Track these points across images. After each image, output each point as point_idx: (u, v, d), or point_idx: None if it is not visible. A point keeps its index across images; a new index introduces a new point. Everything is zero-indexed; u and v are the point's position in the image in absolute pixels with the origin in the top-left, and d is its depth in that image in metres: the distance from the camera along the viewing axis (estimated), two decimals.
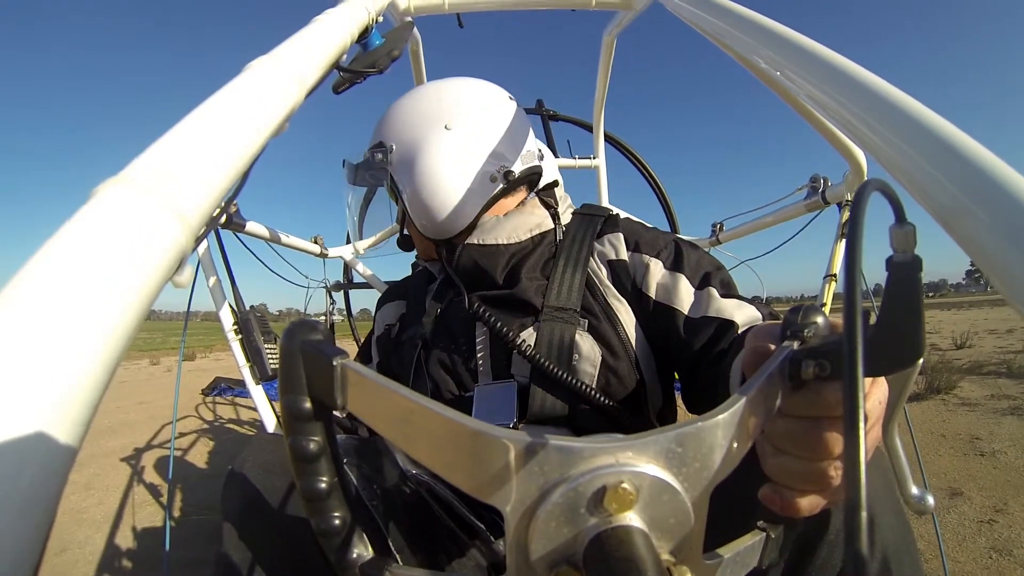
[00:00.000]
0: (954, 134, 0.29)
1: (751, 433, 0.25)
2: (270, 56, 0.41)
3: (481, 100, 0.77)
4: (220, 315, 1.05)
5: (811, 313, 0.28)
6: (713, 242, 1.68)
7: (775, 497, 0.29)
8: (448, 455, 0.22)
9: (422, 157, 0.73)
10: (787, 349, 0.27)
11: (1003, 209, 0.24)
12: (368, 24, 0.63)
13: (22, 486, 0.16)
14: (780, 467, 0.29)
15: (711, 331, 0.62)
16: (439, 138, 0.73)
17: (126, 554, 1.79)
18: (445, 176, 0.73)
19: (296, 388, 0.24)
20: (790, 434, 0.28)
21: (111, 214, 0.23)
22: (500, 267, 0.73)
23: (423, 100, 0.78)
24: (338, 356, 0.23)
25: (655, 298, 0.68)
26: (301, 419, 0.24)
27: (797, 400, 0.27)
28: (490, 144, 0.75)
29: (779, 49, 0.47)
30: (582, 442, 0.22)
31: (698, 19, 0.62)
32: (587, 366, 0.65)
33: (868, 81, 0.37)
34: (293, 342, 0.24)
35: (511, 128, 0.77)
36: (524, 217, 0.77)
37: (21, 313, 0.18)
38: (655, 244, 0.73)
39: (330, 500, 0.25)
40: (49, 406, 0.17)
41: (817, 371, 0.25)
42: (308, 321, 0.25)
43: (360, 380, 0.23)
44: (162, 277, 0.24)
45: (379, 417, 0.23)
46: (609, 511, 0.22)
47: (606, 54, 1.42)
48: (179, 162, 0.28)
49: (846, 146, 0.97)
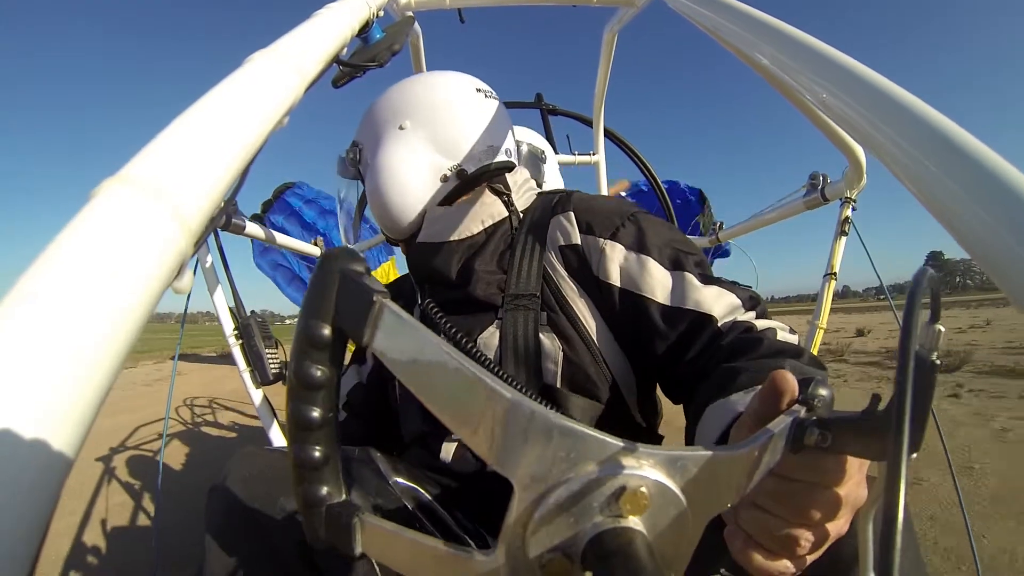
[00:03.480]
0: (954, 131, 0.29)
1: (748, 480, 0.25)
2: (270, 49, 0.41)
3: (441, 97, 0.74)
4: (220, 319, 1.04)
5: (820, 385, 0.30)
6: (713, 240, 1.69)
7: (736, 539, 0.30)
8: (471, 416, 0.22)
9: (377, 156, 0.74)
10: (795, 413, 0.28)
11: (1002, 206, 0.24)
12: (369, 18, 0.62)
13: (19, 492, 0.16)
14: (755, 521, 0.30)
15: (687, 323, 0.58)
16: (393, 138, 0.73)
17: (104, 556, 1.80)
18: (394, 175, 0.72)
19: (321, 314, 0.23)
20: (777, 493, 0.29)
21: (111, 220, 0.23)
22: (452, 265, 0.70)
23: (387, 99, 0.77)
24: (379, 293, 0.23)
25: (620, 286, 0.62)
26: (317, 346, 0.24)
27: (793, 464, 0.28)
28: (445, 142, 0.72)
29: (779, 46, 0.47)
30: (614, 439, 0.22)
31: (699, 15, 0.61)
32: (549, 363, 0.63)
33: (868, 78, 0.37)
34: (332, 267, 0.23)
35: (472, 124, 0.74)
36: (474, 208, 0.73)
37: (24, 320, 0.18)
38: (609, 222, 0.66)
39: (318, 432, 0.25)
40: (48, 414, 0.17)
41: (819, 440, 0.27)
42: (350, 250, 0.24)
43: (396, 321, 0.23)
44: (162, 283, 0.24)
45: (404, 362, 0.23)
46: (621, 511, 0.22)
47: (607, 50, 1.42)
48: (179, 160, 0.27)
49: (845, 143, 0.97)
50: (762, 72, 0.62)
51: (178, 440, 3.27)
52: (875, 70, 0.37)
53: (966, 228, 0.27)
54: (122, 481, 2.51)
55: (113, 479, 2.52)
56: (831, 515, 0.30)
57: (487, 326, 0.66)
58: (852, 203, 1.13)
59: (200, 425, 3.75)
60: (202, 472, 2.60)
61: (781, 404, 0.29)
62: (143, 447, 3.07)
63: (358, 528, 0.25)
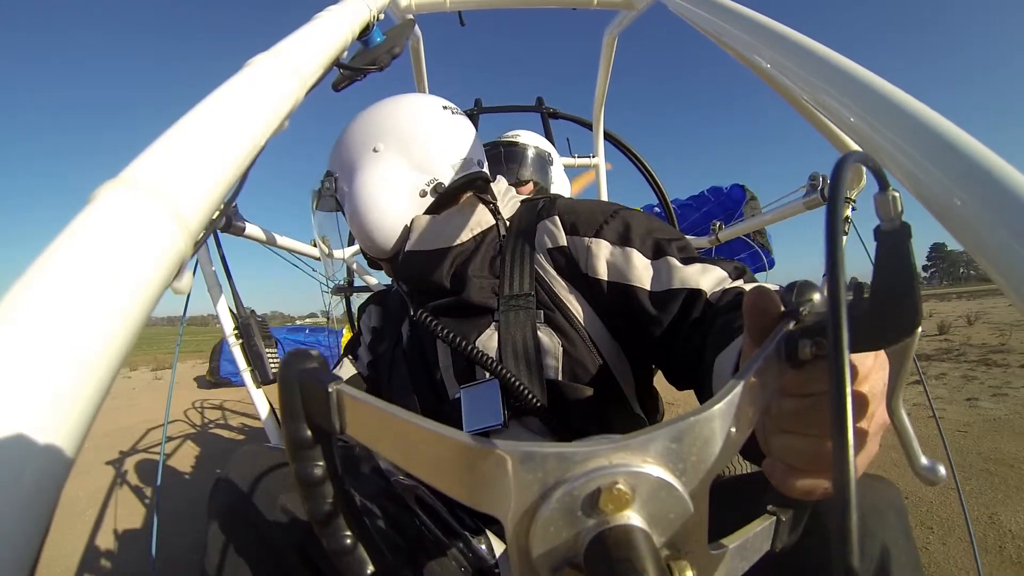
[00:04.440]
0: (951, 131, 0.29)
1: (751, 418, 0.24)
2: (271, 52, 0.41)
3: (408, 117, 0.77)
4: (220, 320, 1.05)
5: (806, 290, 0.27)
6: (713, 241, 1.69)
7: (775, 470, 0.29)
8: (446, 471, 0.22)
9: (353, 182, 0.75)
10: (782, 329, 0.26)
11: (999, 202, 0.24)
12: (369, 21, 0.63)
13: (20, 492, 0.16)
14: (784, 447, 0.28)
15: (679, 303, 0.58)
16: (368, 162, 0.75)
17: (105, 555, 1.80)
18: (373, 197, 0.74)
19: (296, 416, 0.24)
20: (795, 413, 0.28)
21: (111, 221, 0.23)
22: (444, 272, 0.72)
23: (357, 125, 0.78)
24: (332, 382, 0.23)
25: (608, 279, 0.64)
26: (303, 446, 0.24)
27: (798, 379, 0.26)
28: (419, 158, 0.75)
29: (779, 48, 0.47)
30: (575, 446, 0.22)
31: (699, 18, 0.62)
32: (549, 359, 0.64)
33: (867, 79, 0.37)
34: (290, 372, 0.24)
35: (444, 139, 0.77)
36: (462, 218, 0.75)
37: (23, 321, 0.18)
38: (593, 221, 0.68)
39: (338, 520, 0.26)
40: (47, 414, 0.18)
41: (815, 351, 0.25)
42: (302, 350, 0.25)
43: (355, 404, 0.23)
44: (161, 284, 0.24)
45: (377, 438, 0.23)
46: (606, 512, 0.22)
47: (607, 53, 1.42)
48: (180, 162, 0.28)
49: (845, 144, 0.97)
50: (761, 74, 0.62)
51: (190, 442, 3.27)
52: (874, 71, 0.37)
53: (966, 228, 0.27)
54: (131, 484, 2.51)
55: (124, 482, 2.53)
56: (859, 415, 0.28)
57: (484, 329, 0.67)
58: (852, 203, 1.13)
59: (209, 427, 3.75)
60: (209, 475, 2.61)
61: (764, 322, 0.28)
62: (152, 450, 3.08)
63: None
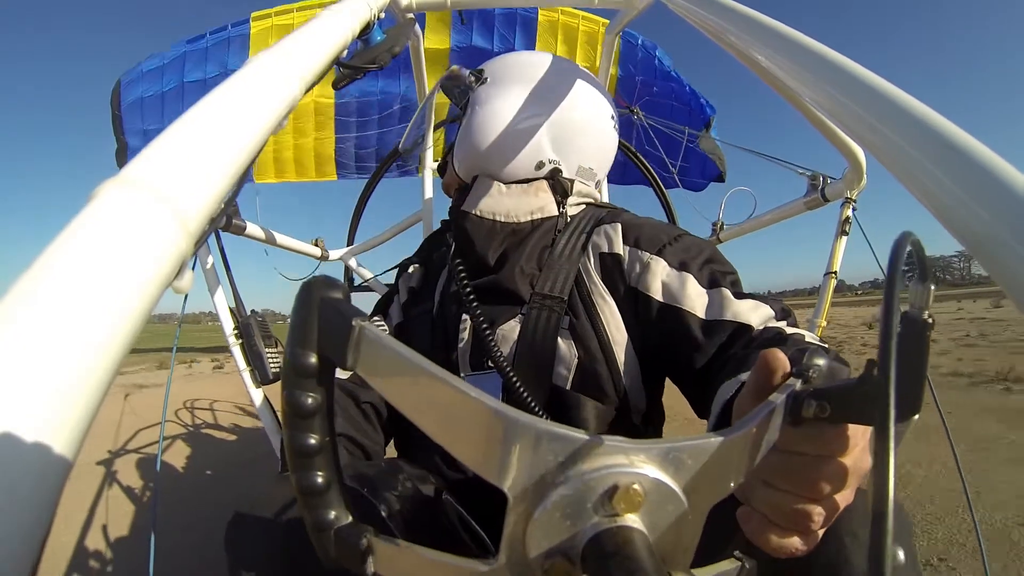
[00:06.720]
0: (953, 131, 0.29)
1: (751, 461, 0.25)
2: (272, 50, 0.41)
3: (584, 103, 0.77)
4: (220, 319, 1.05)
5: (816, 355, 0.29)
6: (713, 240, 1.68)
7: (750, 519, 0.30)
8: (461, 432, 0.22)
9: (503, 100, 0.75)
10: (791, 387, 0.27)
11: (1003, 205, 0.24)
12: (370, 20, 0.63)
13: (19, 493, 0.16)
14: (765, 499, 0.30)
15: (727, 334, 0.59)
16: (528, 96, 0.75)
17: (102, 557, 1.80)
18: (510, 123, 0.73)
19: (305, 343, 0.23)
20: (784, 469, 0.29)
21: (111, 220, 0.23)
22: (492, 249, 0.72)
23: (549, 66, 0.78)
24: (357, 316, 0.23)
25: (661, 300, 0.64)
26: (304, 374, 0.24)
27: (795, 437, 0.28)
28: (562, 140, 0.75)
29: (779, 47, 0.47)
30: (603, 438, 0.22)
31: (700, 17, 0.62)
32: (561, 368, 0.64)
33: (867, 79, 0.37)
34: (311, 297, 0.24)
35: (592, 143, 0.78)
36: (527, 198, 0.74)
37: (24, 320, 0.18)
38: (656, 239, 0.68)
39: (317, 458, 0.25)
40: (46, 413, 0.17)
41: (817, 412, 0.26)
42: (328, 278, 0.25)
43: (376, 343, 0.23)
44: (162, 284, 0.24)
45: (388, 381, 0.23)
46: (616, 510, 0.22)
47: (607, 52, 1.42)
48: (180, 161, 0.28)
49: (845, 144, 0.97)
50: (762, 74, 0.62)
51: (180, 441, 3.27)
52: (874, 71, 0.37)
53: (966, 228, 0.27)
54: (123, 485, 2.50)
55: (115, 482, 2.53)
56: (839, 486, 0.29)
57: (510, 319, 0.67)
58: (852, 203, 1.13)
59: (200, 427, 3.74)
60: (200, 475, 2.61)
61: (774, 379, 0.29)
62: (143, 450, 3.06)
63: (368, 548, 0.25)
